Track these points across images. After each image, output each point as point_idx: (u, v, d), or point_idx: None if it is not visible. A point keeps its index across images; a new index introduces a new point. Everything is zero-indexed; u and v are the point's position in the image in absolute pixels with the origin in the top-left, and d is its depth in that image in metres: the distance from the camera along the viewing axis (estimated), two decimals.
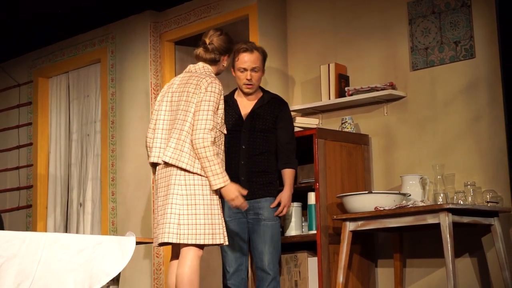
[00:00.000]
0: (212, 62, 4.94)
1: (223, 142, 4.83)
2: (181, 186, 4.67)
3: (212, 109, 4.70)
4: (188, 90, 4.79)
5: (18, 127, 8.40)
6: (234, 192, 4.72)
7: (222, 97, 4.79)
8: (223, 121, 4.83)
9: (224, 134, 4.85)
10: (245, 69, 5.34)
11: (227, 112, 5.30)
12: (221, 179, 4.66)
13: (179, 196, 4.66)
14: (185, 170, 4.68)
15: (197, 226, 4.65)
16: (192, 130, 4.70)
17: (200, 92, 4.74)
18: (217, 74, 4.99)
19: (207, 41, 4.94)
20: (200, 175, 4.69)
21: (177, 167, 4.69)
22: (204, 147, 4.64)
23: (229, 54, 5.01)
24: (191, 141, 4.69)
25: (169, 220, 4.65)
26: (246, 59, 5.33)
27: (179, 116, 4.77)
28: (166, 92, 4.92)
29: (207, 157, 4.64)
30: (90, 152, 7.80)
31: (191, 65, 4.97)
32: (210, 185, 4.68)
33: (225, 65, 5.00)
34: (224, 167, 4.73)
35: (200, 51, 4.95)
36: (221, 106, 4.79)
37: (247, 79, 5.34)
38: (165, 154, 4.72)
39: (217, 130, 4.73)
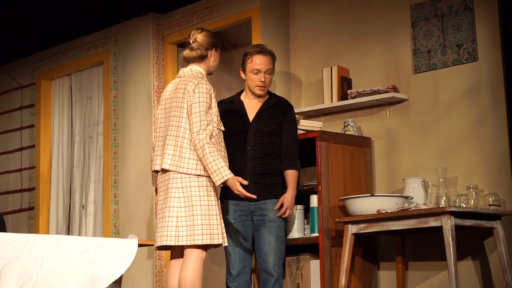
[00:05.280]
0: (200, 59, 4.98)
1: (222, 139, 4.89)
2: (178, 189, 4.75)
3: (203, 109, 4.78)
4: (177, 96, 4.89)
5: (21, 129, 8.41)
6: (235, 185, 4.75)
7: (213, 95, 4.84)
8: (219, 118, 4.88)
9: (223, 132, 4.94)
10: (259, 71, 5.34)
11: (233, 113, 5.32)
12: (219, 175, 4.71)
13: (176, 199, 4.73)
14: (184, 173, 4.73)
15: (195, 227, 4.70)
16: (190, 134, 4.75)
17: (189, 96, 4.81)
18: (209, 73, 5.03)
19: (191, 40, 5.00)
20: (203, 176, 4.73)
21: (177, 172, 4.74)
22: (201, 147, 4.72)
23: (215, 49, 5.04)
24: (190, 145, 4.74)
25: (167, 224, 4.72)
26: (261, 61, 5.34)
27: (172, 123, 4.85)
28: (162, 100, 5.00)
29: (204, 156, 4.71)
30: (93, 154, 7.81)
31: (182, 69, 5.02)
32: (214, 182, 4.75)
33: (213, 60, 5.03)
34: (226, 163, 4.76)
35: (186, 52, 5.02)
36: (214, 104, 4.86)
37: (261, 81, 5.34)
38: (164, 162, 4.80)
39: (215, 128, 4.78)
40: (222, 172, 4.71)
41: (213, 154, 4.70)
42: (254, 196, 4.88)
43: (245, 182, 4.80)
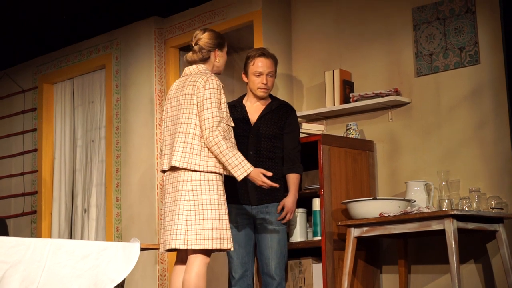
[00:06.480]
0: (203, 61, 4.95)
1: (232, 135, 4.84)
2: (188, 192, 4.68)
3: (215, 105, 4.73)
4: (186, 93, 4.83)
5: (23, 133, 8.41)
6: (259, 177, 4.75)
7: (222, 91, 4.81)
8: (228, 114, 4.84)
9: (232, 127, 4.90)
10: (261, 73, 5.35)
11: (235, 117, 5.32)
12: (241, 169, 4.68)
13: (186, 202, 4.66)
14: (194, 171, 4.68)
15: (205, 231, 4.64)
16: (201, 132, 4.71)
17: (200, 92, 4.77)
18: (217, 73, 5.00)
19: (193, 43, 4.99)
20: (213, 173, 4.69)
21: (186, 170, 4.69)
22: (216, 144, 4.67)
23: (219, 49, 5.00)
24: (200, 142, 4.71)
25: (177, 227, 4.65)
26: (263, 64, 5.35)
27: (181, 120, 4.79)
28: (168, 99, 4.97)
29: (221, 152, 4.66)
30: (95, 158, 7.81)
31: (186, 68, 4.99)
32: (235, 177, 4.72)
33: (218, 61, 5.00)
34: (242, 156, 4.74)
35: (189, 55, 4.99)
36: (223, 100, 4.82)
37: (263, 83, 5.35)
38: (174, 159, 4.72)
39: (224, 124, 4.74)
40: (244, 166, 4.68)
41: (231, 150, 4.66)
42: (277, 185, 4.87)
43: (269, 174, 4.79)
